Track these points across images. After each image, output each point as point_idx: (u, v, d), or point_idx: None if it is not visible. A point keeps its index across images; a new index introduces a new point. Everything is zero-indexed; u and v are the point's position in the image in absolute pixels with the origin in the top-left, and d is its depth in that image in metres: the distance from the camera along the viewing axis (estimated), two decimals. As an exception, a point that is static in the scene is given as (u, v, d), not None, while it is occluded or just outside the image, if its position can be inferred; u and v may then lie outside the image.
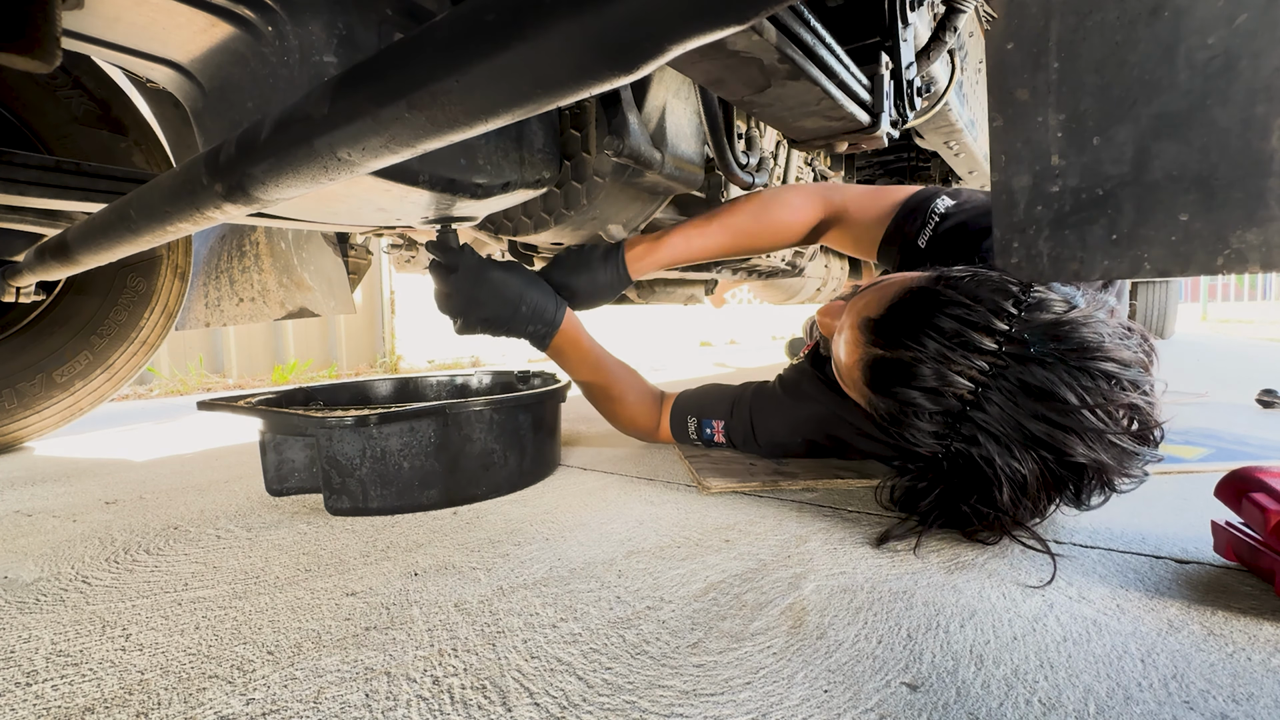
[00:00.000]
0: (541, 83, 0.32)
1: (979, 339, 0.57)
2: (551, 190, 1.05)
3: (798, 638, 0.44)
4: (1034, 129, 0.57)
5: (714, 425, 0.98)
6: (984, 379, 0.56)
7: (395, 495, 0.75)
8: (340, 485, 0.74)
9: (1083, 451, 0.55)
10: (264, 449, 0.80)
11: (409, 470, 0.75)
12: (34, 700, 0.39)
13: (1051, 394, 0.54)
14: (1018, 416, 0.56)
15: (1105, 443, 0.55)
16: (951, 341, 0.57)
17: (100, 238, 0.68)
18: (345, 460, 0.74)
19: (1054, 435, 0.55)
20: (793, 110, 0.68)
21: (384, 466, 0.74)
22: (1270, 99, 0.41)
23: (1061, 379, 0.54)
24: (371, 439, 0.74)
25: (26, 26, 0.44)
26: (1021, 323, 0.57)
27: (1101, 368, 0.55)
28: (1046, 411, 0.55)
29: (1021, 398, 0.55)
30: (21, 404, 1.22)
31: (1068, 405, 0.54)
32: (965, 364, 0.57)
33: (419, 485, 0.76)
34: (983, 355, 0.56)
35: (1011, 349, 0.56)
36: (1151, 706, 0.36)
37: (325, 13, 0.61)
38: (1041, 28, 0.53)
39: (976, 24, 1.36)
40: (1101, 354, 0.55)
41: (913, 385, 0.59)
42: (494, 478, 0.81)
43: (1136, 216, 0.53)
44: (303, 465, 0.80)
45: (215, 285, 1.49)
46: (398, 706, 0.37)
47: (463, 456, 0.78)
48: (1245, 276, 10.81)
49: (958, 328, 0.57)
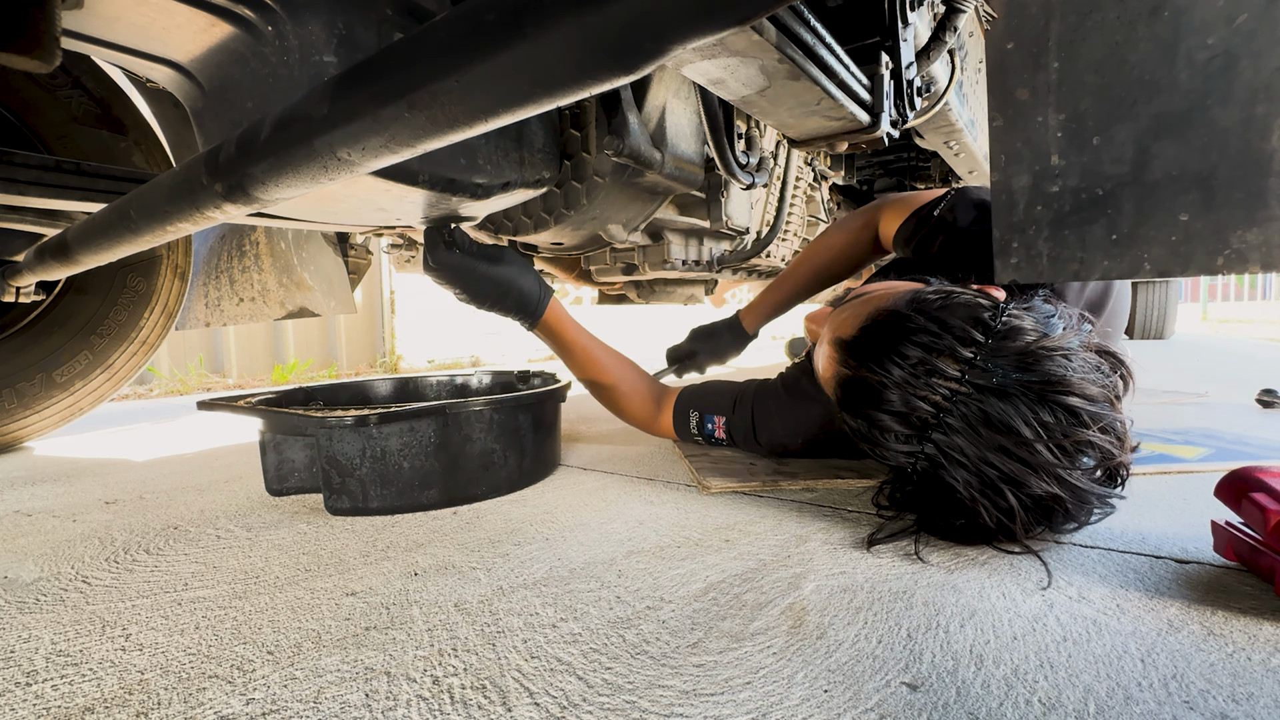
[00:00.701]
0: (541, 83, 0.32)
1: (944, 366, 0.57)
2: (551, 190, 1.05)
3: (798, 638, 0.44)
4: (1034, 129, 0.58)
5: (715, 421, 0.97)
6: (946, 405, 0.57)
7: (395, 495, 0.75)
8: (340, 485, 0.74)
9: (1039, 485, 0.55)
10: (264, 449, 0.79)
11: (409, 470, 0.75)
12: (34, 700, 0.39)
13: (1008, 427, 0.54)
14: (978, 446, 0.56)
15: (1061, 480, 0.55)
16: (916, 369, 0.58)
17: (100, 238, 0.68)
18: (345, 460, 0.74)
19: (1010, 468, 0.55)
20: (793, 110, 0.68)
21: (384, 466, 0.74)
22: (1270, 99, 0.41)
23: (1019, 412, 0.54)
24: (371, 439, 0.74)
25: (26, 26, 0.44)
26: (988, 351, 0.57)
27: (1064, 401, 0.54)
28: (1004, 443, 0.55)
29: (981, 428, 0.55)
30: (21, 404, 1.22)
31: (1022, 438, 0.54)
32: (928, 391, 0.57)
33: (419, 485, 0.76)
34: (946, 382, 0.57)
35: (975, 377, 0.56)
36: (1151, 706, 0.36)
37: (325, 13, 0.61)
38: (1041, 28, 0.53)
39: (976, 24, 1.36)
40: (1064, 387, 0.54)
41: (881, 409, 0.60)
42: (494, 478, 0.81)
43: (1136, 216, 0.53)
44: (302, 465, 0.80)
45: (215, 285, 1.49)
46: (398, 706, 0.37)
47: (462, 456, 0.78)
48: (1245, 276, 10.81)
49: (923, 356, 0.58)
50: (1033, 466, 0.55)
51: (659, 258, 1.41)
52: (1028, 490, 0.55)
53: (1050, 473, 0.55)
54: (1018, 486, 0.55)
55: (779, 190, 1.43)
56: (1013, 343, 0.57)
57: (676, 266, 1.42)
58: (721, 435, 0.98)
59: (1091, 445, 0.55)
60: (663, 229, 1.37)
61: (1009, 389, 0.55)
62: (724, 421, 0.97)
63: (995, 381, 0.55)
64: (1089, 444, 0.55)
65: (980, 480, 0.56)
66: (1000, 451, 0.55)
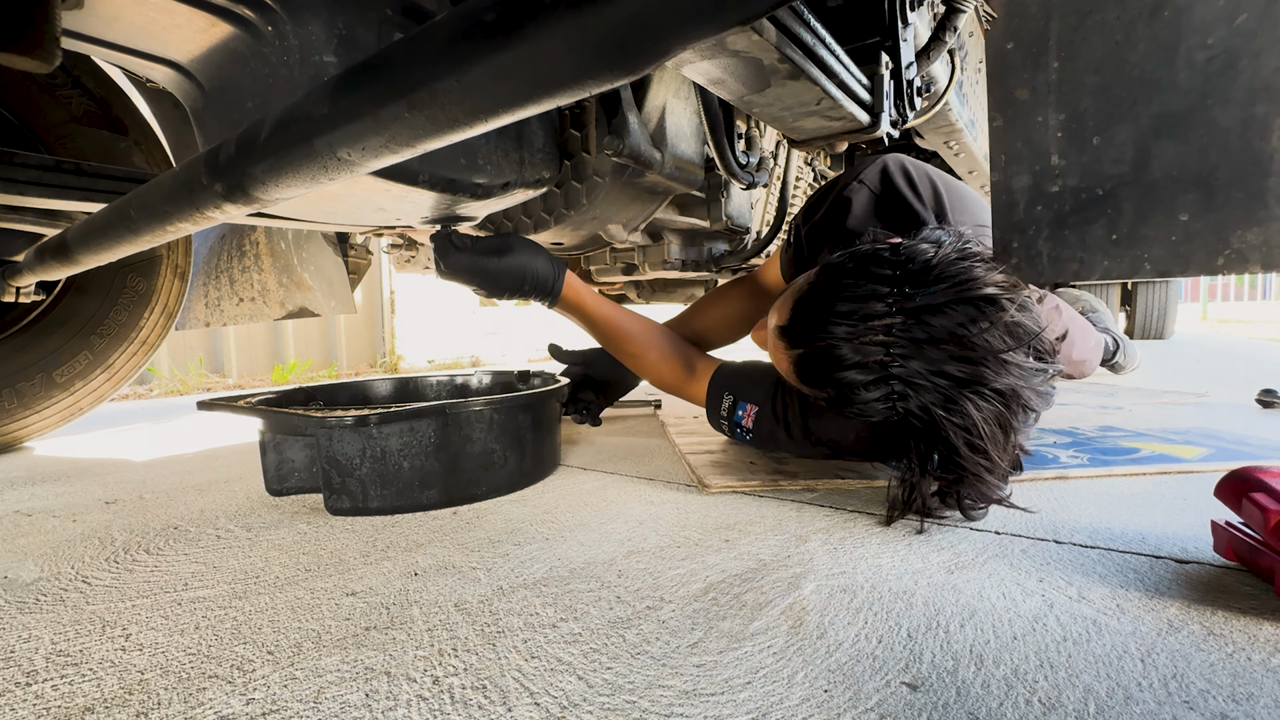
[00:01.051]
0: (541, 83, 0.32)
1: (873, 307, 0.63)
2: (552, 190, 1.05)
3: (798, 638, 0.44)
4: (1034, 129, 0.58)
5: (748, 409, 0.92)
6: (891, 338, 0.62)
7: (395, 495, 0.75)
8: (340, 485, 0.74)
9: (994, 379, 0.61)
10: (264, 449, 0.79)
11: (409, 470, 0.75)
12: (34, 700, 0.39)
13: (948, 332, 0.60)
14: (934, 364, 0.61)
15: (1007, 364, 0.61)
16: (853, 319, 0.63)
17: (100, 238, 0.68)
18: (345, 460, 0.74)
19: (968, 370, 0.61)
20: (793, 110, 0.68)
21: (384, 466, 0.74)
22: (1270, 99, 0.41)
23: (951, 317, 0.61)
24: (371, 439, 0.74)
25: (26, 26, 0.44)
26: (901, 280, 0.63)
27: (982, 294, 0.61)
28: (951, 350, 0.61)
29: (928, 347, 0.61)
30: (21, 404, 1.22)
31: (963, 338, 0.60)
32: (871, 334, 0.63)
33: (419, 485, 0.76)
34: (881, 320, 0.62)
35: (902, 303, 0.62)
36: (1151, 706, 0.36)
37: (325, 13, 0.61)
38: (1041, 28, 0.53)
39: (976, 24, 1.37)
40: (977, 283, 0.61)
41: (840, 369, 0.65)
42: (494, 477, 0.81)
43: (1136, 216, 0.53)
44: (303, 465, 0.80)
45: (215, 285, 1.49)
46: (398, 706, 0.37)
47: (462, 456, 0.78)
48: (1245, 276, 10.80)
49: (851, 306, 0.64)
50: (980, 360, 0.60)
51: (659, 258, 1.41)
52: (987, 386, 0.61)
53: (997, 360, 0.60)
54: (977, 387, 0.61)
55: (779, 190, 1.43)
56: (919, 265, 0.63)
57: (676, 266, 1.42)
58: (749, 424, 0.92)
59: (1019, 326, 0.62)
60: (663, 229, 1.37)
61: (934, 303, 0.61)
62: (755, 411, 0.91)
63: (919, 301, 0.62)
64: (1017, 325, 0.61)
65: (943, 397, 0.62)
66: (951, 360, 0.61)
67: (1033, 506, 0.71)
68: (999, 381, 0.61)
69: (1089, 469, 0.85)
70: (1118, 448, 0.97)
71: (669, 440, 1.15)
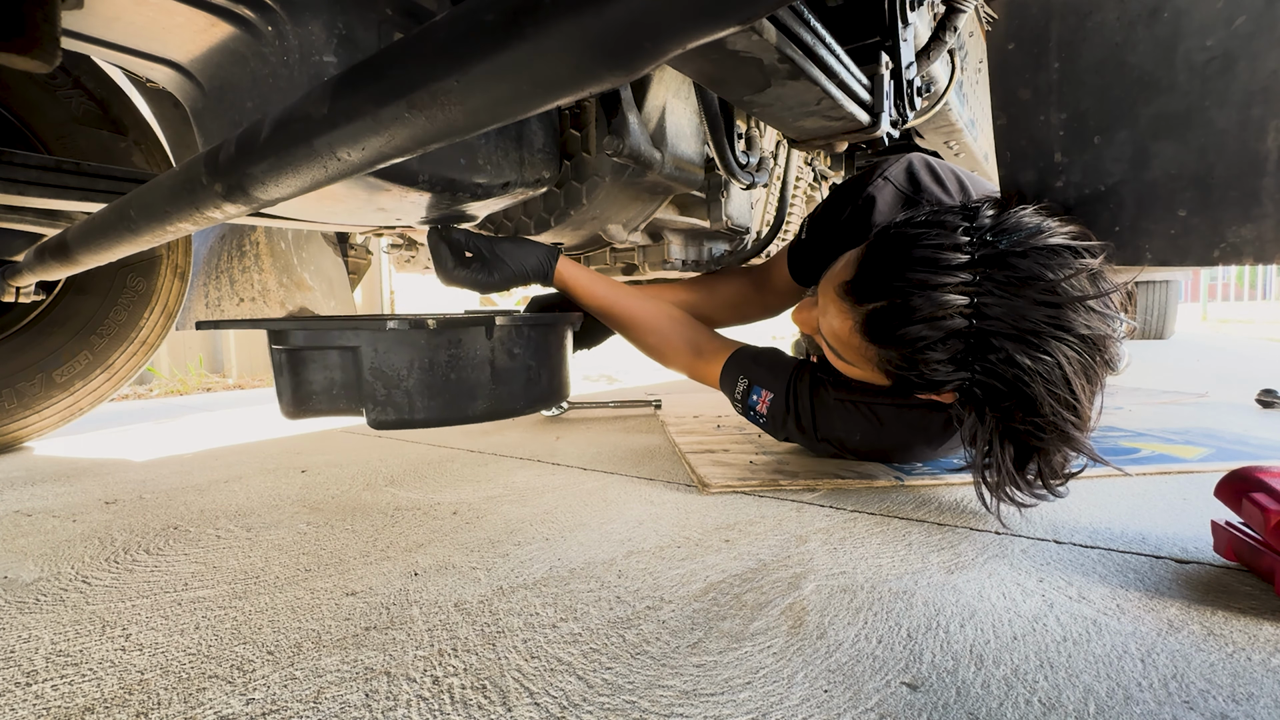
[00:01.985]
0: (541, 83, 0.32)
1: (953, 256, 0.59)
2: (552, 190, 1.05)
3: (798, 638, 0.44)
4: (1037, 127, 0.58)
5: (762, 395, 0.92)
6: (973, 288, 0.59)
7: (443, 406, 0.73)
8: (385, 397, 0.71)
9: (1081, 321, 0.57)
10: (279, 368, 0.74)
11: (456, 381, 0.73)
12: (34, 700, 0.39)
13: (1038, 277, 0.57)
14: (1019, 310, 0.58)
15: (1091, 311, 0.58)
16: (931, 268, 0.60)
17: (100, 238, 0.68)
18: (392, 371, 0.71)
19: (1055, 316, 0.57)
20: (793, 110, 0.68)
21: (431, 377, 0.72)
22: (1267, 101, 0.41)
23: (1038, 261, 0.58)
24: (420, 349, 0.71)
25: (26, 26, 0.44)
26: (979, 230, 0.60)
27: (1059, 243, 0.58)
28: (1039, 295, 0.57)
29: (1014, 290, 0.58)
30: (21, 404, 1.22)
31: (1054, 281, 0.57)
32: (951, 280, 0.59)
33: (467, 396, 0.74)
34: (963, 269, 0.59)
35: (984, 252, 0.59)
36: (1151, 706, 0.36)
37: (325, 13, 0.61)
38: (1042, 28, 0.53)
39: (976, 24, 1.37)
40: (1049, 231, 0.59)
41: (913, 321, 0.60)
42: (531, 393, 0.80)
43: (1137, 211, 0.54)
44: (325, 385, 0.75)
45: (215, 285, 1.49)
46: (398, 706, 0.37)
47: (507, 371, 0.77)
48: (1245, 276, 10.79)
49: (929, 254, 0.60)
50: (1067, 303, 0.57)
51: (659, 258, 1.41)
52: (1072, 332, 0.57)
53: (1084, 306, 0.57)
54: (1062, 333, 0.57)
55: (779, 190, 1.43)
56: (987, 215, 0.61)
57: (676, 266, 1.42)
58: (763, 410, 0.92)
59: (1101, 274, 0.59)
60: (663, 229, 1.37)
61: (1017, 248, 0.58)
62: (770, 398, 0.91)
63: (1003, 246, 0.58)
64: (1099, 274, 0.59)
65: (1027, 344, 0.58)
66: (1040, 305, 0.57)
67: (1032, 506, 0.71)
68: (1085, 328, 0.57)
69: (1089, 469, 0.85)
70: (1118, 448, 0.97)
71: (669, 440, 1.16)
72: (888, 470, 0.86)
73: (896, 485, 0.81)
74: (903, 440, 0.84)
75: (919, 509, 0.72)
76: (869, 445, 0.85)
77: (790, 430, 0.88)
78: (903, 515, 0.70)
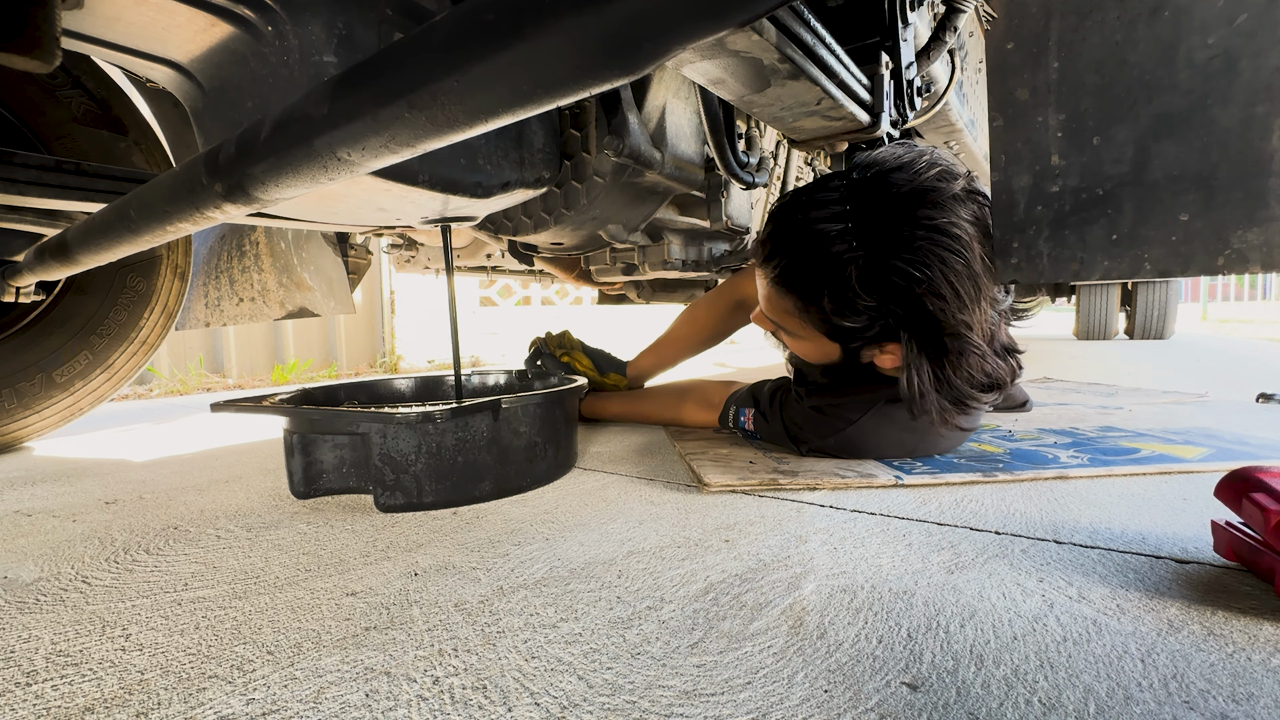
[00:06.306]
0: (541, 83, 0.32)
1: (826, 196, 0.76)
2: (552, 190, 1.05)
3: (798, 638, 0.44)
4: (1034, 129, 0.57)
5: (746, 413, 1.09)
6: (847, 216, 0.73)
7: (450, 489, 0.75)
8: (394, 482, 0.74)
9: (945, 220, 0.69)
10: (291, 450, 0.77)
11: (463, 464, 0.76)
12: (34, 700, 0.39)
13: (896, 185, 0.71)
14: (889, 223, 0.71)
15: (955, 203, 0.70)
16: (809, 209, 0.76)
17: (100, 238, 0.68)
18: (400, 456, 0.74)
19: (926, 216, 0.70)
20: (793, 110, 0.68)
21: (439, 461, 0.74)
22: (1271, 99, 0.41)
23: (894, 178, 0.72)
24: (428, 435, 0.74)
25: (26, 26, 0.44)
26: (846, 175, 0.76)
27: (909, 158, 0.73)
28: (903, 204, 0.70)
29: (881, 206, 0.71)
30: (21, 404, 1.22)
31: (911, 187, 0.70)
32: (825, 214, 0.75)
33: (473, 478, 0.77)
34: (835, 203, 0.74)
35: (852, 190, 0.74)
36: (1151, 706, 0.36)
37: (325, 13, 0.61)
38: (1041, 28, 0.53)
39: (976, 24, 1.37)
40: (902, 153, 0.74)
41: (805, 255, 0.76)
42: (536, 469, 0.83)
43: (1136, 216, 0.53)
44: (334, 465, 0.78)
45: (215, 285, 1.49)
46: (398, 706, 0.37)
47: (512, 450, 0.80)
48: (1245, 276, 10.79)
49: (807, 202, 0.77)
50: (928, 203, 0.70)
51: (659, 258, 1.41)
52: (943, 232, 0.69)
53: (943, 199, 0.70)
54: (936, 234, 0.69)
55: (779, 190, 1.43)
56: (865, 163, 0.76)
57: (676, 266, 1.42)
58: (750, 426, 1.08)
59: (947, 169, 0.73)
60: (663, 229, 1.37)
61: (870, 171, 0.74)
62: (752, 414, 1.08)
63: (869, 176, 0.74)
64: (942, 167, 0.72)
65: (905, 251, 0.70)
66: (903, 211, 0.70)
67: (1033, 506, 0.71)
68: (951, 226, 0.69)
69: (1089, 469, 0.85)
70: (1118, 448, 0.97)
71: (669, 440, 1.16)
72: (888, 470, 0.86)
73: (896, 485, 0.81)
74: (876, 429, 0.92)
75: (919, 509, 0.72)
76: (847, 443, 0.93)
77: (774, 434, 1.01)
78: (903, 515, 0.70)
